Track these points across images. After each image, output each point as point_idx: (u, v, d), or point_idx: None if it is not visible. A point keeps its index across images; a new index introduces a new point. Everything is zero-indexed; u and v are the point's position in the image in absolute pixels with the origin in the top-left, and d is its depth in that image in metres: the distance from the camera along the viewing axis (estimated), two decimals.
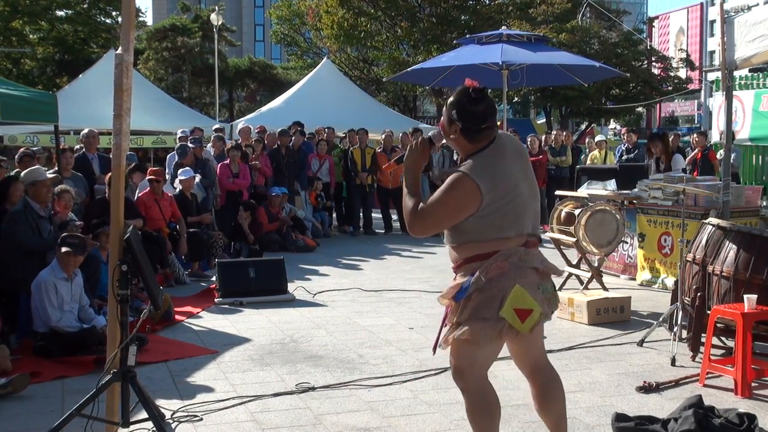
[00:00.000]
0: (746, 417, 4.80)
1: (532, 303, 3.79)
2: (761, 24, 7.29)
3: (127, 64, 4.37)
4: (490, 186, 3.72)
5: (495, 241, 3.79)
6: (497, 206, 3.75)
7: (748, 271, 6.00)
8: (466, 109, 3.82)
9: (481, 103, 3.83)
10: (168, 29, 48.95)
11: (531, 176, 3.98)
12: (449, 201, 3.78)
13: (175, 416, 5.22)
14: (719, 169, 10.63)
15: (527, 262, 3.82)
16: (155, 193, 10.67)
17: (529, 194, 3.90)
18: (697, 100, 59.52)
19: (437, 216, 3.83)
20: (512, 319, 3.74)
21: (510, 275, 3.76)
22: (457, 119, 3.82)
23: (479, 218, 3.76)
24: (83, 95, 20.84)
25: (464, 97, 3.84)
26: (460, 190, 3.74)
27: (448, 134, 3.93)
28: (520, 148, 4.03)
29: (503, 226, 3.79)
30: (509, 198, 3.78)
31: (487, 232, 3.79)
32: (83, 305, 7.00)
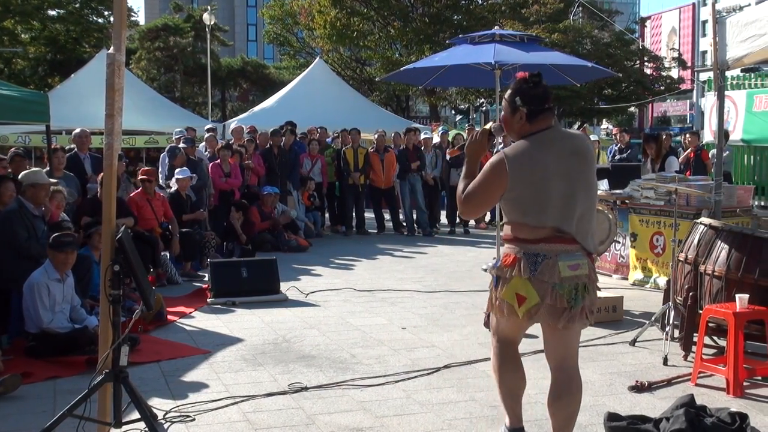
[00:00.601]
0: (738, 416, 4.81)
1: (530, 291, 4.08)
2: (753, 24, 7.31)
3: (118, 64, 4.36)
4: (518, 168, 4.05)
5: (519, 224, 4.13)
6: (520, 192, 4.07)
7: (739, 271, 6.02)
8: (529, 93, 4.19)
9: (540, 87, 4.23)
10: (160, 29, 48.89)
11: (578, 179, 4.13)
12: (485, 180, 4.15)
13: (167, 416, 5.20)
14: (712, 169, 10.66)
15: (540, 256, 4.07)
16: (147, 193, 10.65)
17: (563, 192, 4.08)
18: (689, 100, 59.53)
19: (476, 195, 4.19)
20: (511, 299, 4.14)
21: (517, 267, 4.10)
22: (521, 104, 4.18)
23: (506, 199, 4.13)
24: (75, 95, 20.80)
25: (524, 84, 4.24)
26: (493, 169, 4.11)
27: (512, 124, 4.24)
28: (577, 149, 4.20)
29: (525, 211, 4.10)
30: (535, 187, 4.05)
31: (512, 214, 4.17)
32: (75, 305, 6.98)
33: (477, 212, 4.43)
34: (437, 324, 7.91)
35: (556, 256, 4.06)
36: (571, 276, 4.06)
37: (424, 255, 12.87)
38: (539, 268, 4.06)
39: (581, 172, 4.15)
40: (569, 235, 4.08)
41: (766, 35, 7.18)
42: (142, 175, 10.91)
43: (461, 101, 43.64)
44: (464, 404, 5.48)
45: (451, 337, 7.33)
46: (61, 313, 6.80)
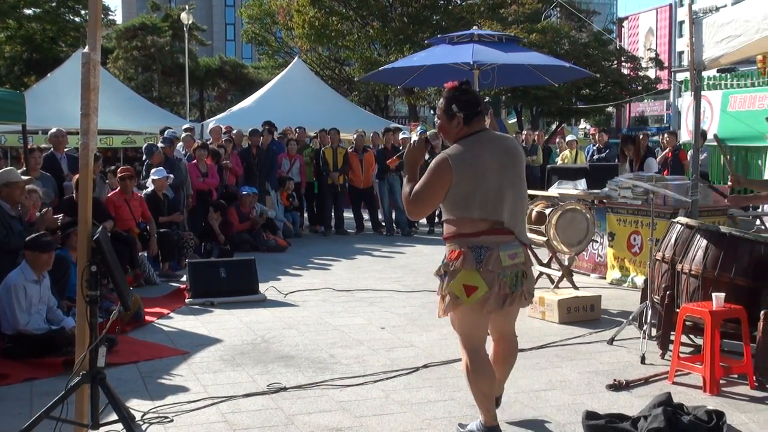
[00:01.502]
0: (715, 414, 4.85)
1: (478, 281, 4.39)
2: (729, 25, 7.37)
3: (94, 63, 4.34)
4: (461, 166, 4.37)
5: (460, 219, 4.44)
6: (463, 187, 4.38)
7: (716, 270, 6.06)
8: (462, 99, 4.52)
9: (470, 93, 4.58)
10: (138, 28, 48.64)
11: (513, 174, 4.55)
12: (430, 179, 4.44)
13: (145, 417, 5.17)
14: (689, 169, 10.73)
15: (483, 248, 4.40)
16: (125, 193, 10.59)
17: (502, 187, 4.45)
18: (666, 100, 60.10)
19: (423, 194, 4.47)
20: (460, 292, 4.42)
21: (463, 259, 4.40)
22: (458, 111, 4.50)
23: (451, 195, 4.41)
24: (51, 94, 20.65)
25: (456, 92, 4.56)
26: (438, 168, 4.40)
27: (449, 130, 4.56)
28: (508, 148, 4.62)
29: (467, 206, 4.41)
30: (477, 182, 4.39)
31: (456, 209, 4.45)
32: (51, 306, 6.93)
33: (425, 211, 4.69)
34: (416, 324, 7.92)
35: (497, 247, 4.41)
36: (512, 264, 4.44)
37: (402, 255, 12.88)
38: (484, 259, 4.39)
39: (514, 170, 4.56)
40: (506, 227, 4.46)
41: (742, 36, 7.24)
42: (120, 173, 10.86)
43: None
44: (443, 404, 5.49)
45: (430, 337, 7.33)
46: (38, 315, 6.75)
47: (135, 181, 11.17)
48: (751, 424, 5.06)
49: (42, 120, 18.75)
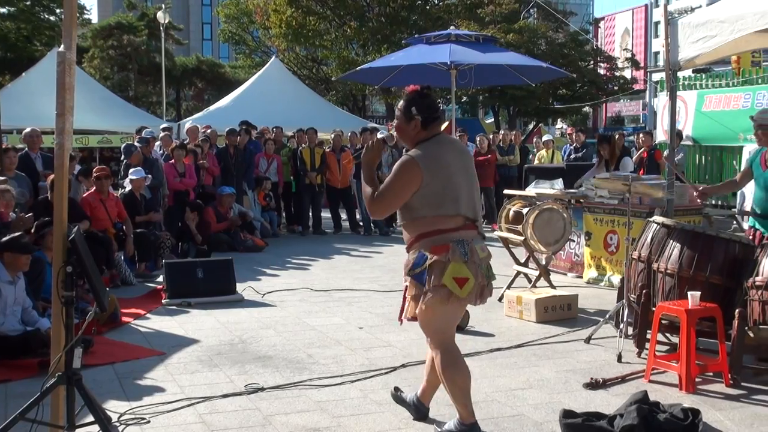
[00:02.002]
0: (690, 412, 4.89)
1: (468, 273, 4.51)
2: (704, 25, 7.44)
3: (69, 62, 4.30)
4: (429, 166, 4.52)
5: (436, 217, 4.54)
6: (435, 186, 4.52)
7: (691, 269, 6.12)
8: (422, 103, 4.67)
9: (430, 97, 4.74)
10: (113, 27, 48.33)
11: (471, 173, 4.79)
12: (397, 180, 4.56)
13: (122, 419, 5.15)
14: (665, 168, 10.80)
15: (465, 242, 4.55)
16: (101, 193, 10.52)
17: (466, 185, 4.67)
18: (642, 100, 60.37)
19: (389, 195, 4.60)
20: (452, 286, 4.48)
21: (451, 253, 4.49)
22: (416, 113, 4.64)
23: (421, 196, 4.52)
24: (26, 94, 20.48)
25: (417, 95, 4.71)
26: (404, 169, 4.54)
27: (407, 132, 4.71)
28: (463, 149, 4.92)
29: (441, 203, 4.55)
30: (445, 181, 4.55)
31: (428, 208, 4.55)
32: (26, 308, 6.86)
33: (388, 211, 4.75)
34: (394, 323, 7.89)
35: (472, 241, 4.60)
36: (484, 257, 4.65)
37: (380, 254, 12.89)
38: (469, 252, 4.53)
39: (471, 169, 4.80)
40: (474, 223, 4.67)
41: (717, 36, 7.31)
42: (96, 173, 10.79)
43: None
44: None
45: (408, 337, 7.34)
46: (13, 316, 6.69)
47: (111, 181, 11.09)
48: (726, 422, 5.10)
49: (17, 119, 18.56)
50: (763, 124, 6.66)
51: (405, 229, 4.71)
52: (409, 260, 4.63)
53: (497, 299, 8.88)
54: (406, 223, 4.67)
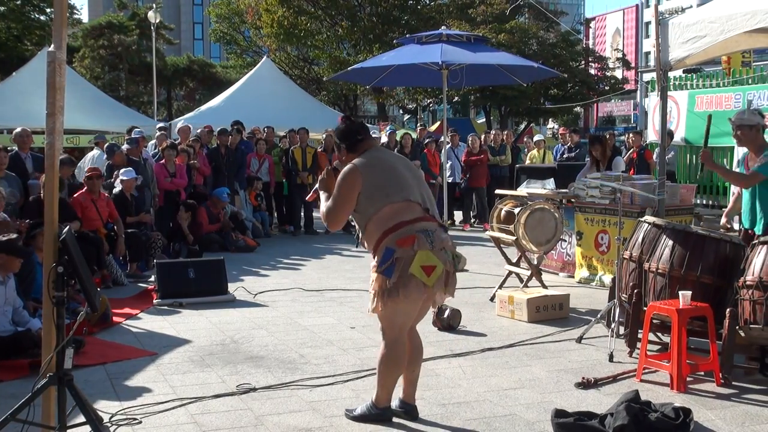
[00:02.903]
0: (681, 411, 4.90)
1: (435, 261, 4.72)
2: (694, 26, 7.46)
3: (59, 62, 4.29)
4: (367, 165, 4.88)
5: (386, 206, 4.78)
6: (378, 180, 4.84)
7: (682, 268, 6.13)
8: (342, 133, 5.12)
9: (347, 123, 5.20)
10: (104, 27, 48.22)
11: (418, 174, 5.15)
12: (340, 188, 4.89)
13: (113, 419, 5.14)
14: (656, 167, 10.82)
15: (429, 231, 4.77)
16: (92, 193, 10.49)
17: (414, 181, 4.98)
18: (633, 100, 60.55)
19: (337, 202, 4.91)
20: (420, 274, 4.69)
21: (417, 243, 4.70)
22: (340, 142, 5.10)
23: (367, 192, 4.81)
24: (17, 93, 20.40)
25: (338, 128, 5.21)
26: (344, 176, 4.89)
27: (341, 159, 5.11)
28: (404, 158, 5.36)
29: (389, 193, 4.81)
30: (386, 173, 4.88)
31: (377, 202, 4.81)
32: (17, 308, 6.84)
33: (341, 218, 4.99)
34: None
35: (435, 230, 4.82)
36: (448, 245, 4.86)
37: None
38: (433, 240, 4.75)
39: (416, 171, 5.17)
40: (431, 214, 4.91)
41: (707, 37, 7.33)
42: (88, 173, 10.75)
43: (409, 101, 43.78)
44: None
45: None
46: (3, 316, 6.66)
47: (102, 181, 11.06)
48: (717, 421, 5.12)
49: (7, 119, 18.51)
50: (741, 125, 6.68)
51: (366, 240, 4.94)
52: (377, 259, 4.82)
53: (489, 299, 8.90)
54: (366, 234, 4.92)
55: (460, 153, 16.93)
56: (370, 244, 4.91)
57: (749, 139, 6.68)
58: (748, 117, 6.71)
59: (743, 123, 6.67)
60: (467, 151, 16.57)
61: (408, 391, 5.21)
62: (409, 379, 5.18)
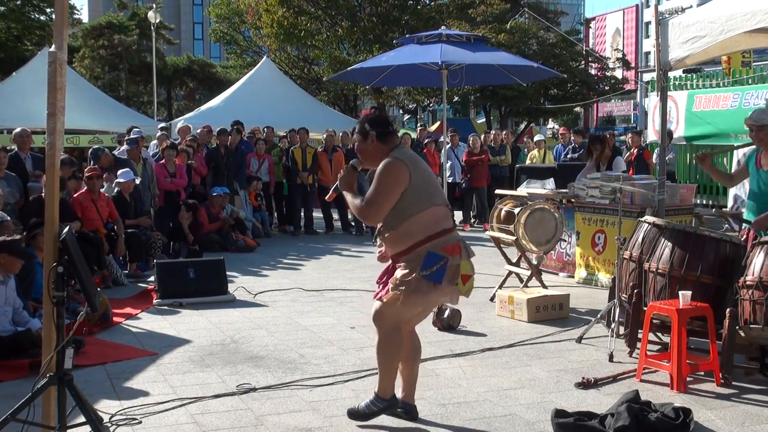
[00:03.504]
0: (682, 411, 4.90)
1: (470, 270, 4.88)
2: (694, 26, 7.45)
3: (60, 62, 4.29)
4: (411, 163, 4.81)
5: (430, 208, 4.77)
6: (422, 179, 4.80)
7: (682, 268, 6.13)
8: (375, 119, 5.01)
9: (382, 115, 5.14)
10: (104, 27, 48.23)
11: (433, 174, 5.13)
12: (386, 182, 4.76)
13: (113, 419, 5.14)
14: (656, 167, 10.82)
15: (463, 240, 4.92)
16: (92, 193, 10.49)
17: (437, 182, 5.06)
18: (633, 100, 60.59)
19: (380, 196, 4.77)
20: (459, 283, 4.78)
21: (462, 252, 4.82)
22: (370, 129, 4.93)
23: (412, 190, 4.74)
24: (17, 94, 20.39)
25: (368, 115, 5.11)
26: (391, 170, 4.77)
27: (366, 148, 4.98)
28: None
29: (432, 194, 4.83)
30: (427, 175, 4.89)
31: (421, 201, 4.76)
32: (17, 308, 6.84)
33: (381, 213, 4.83)
34: None
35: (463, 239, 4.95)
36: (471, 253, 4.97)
37: (372, 254, 12.81)
38: (468, 250, 4.89)
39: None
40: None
41: (707, 37, 7.33)
42: (88, 173, 10.75)
43: (409, 101, 43.77)
44: None
45: None
46: (3, 316, 6.67)
47: (102, 181, 11.06)
48: (717, 421, 5.12)
49: (7, 119, 18.50)
50: (764, 125, 6.63)
51: (396, 239, 4.83)
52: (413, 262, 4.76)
53: (489, 299, 8.90)
54: (397, 232, 4.80)
55: (460, 153, 16.95)
56: (403, 243, 4.83)
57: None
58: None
59: (765, 122, 6.61)
60: (468, 151, 16.58)
61: (408, 391, 5.20)
62: (409, 379, 5.18)
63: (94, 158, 12.24)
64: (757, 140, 6.69)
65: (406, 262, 4.83)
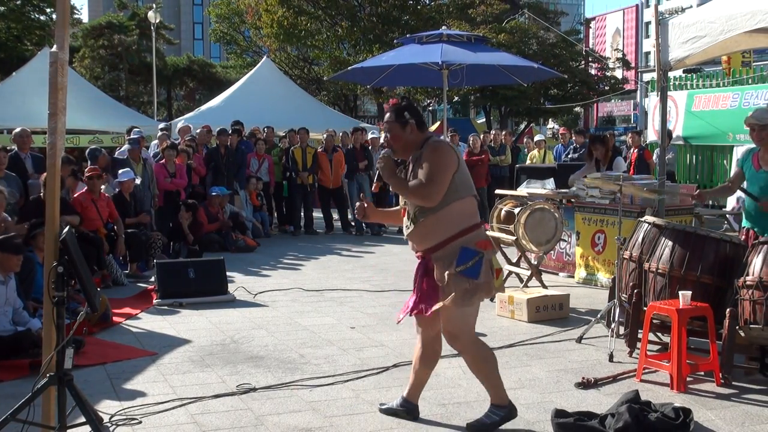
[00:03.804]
0: (682, 411, 4.90)
1: (498, 263, 4.88)
2: (694, 26, 7.46)
3: (62, 62, 4.30)
4: (456, 152, 4.84)
5: (470, 197, 4.80)
6: (462, 167, 4.80)
7: (682, 268, 6.13)
8: (413, 108, 4.95)
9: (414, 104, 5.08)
10: (104, 27, 48.19)
11: None
12: (440, 162, 4.70)
13: (113, 419, 5.14)
14: (656, 167, 10.83)
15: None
16: (92, 193, 10.49)
17: None
18: (633, 100, 60.56)
19: (439, 177, 4.67)
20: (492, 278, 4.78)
21: (493, 245, 4.87)
22: (410, 117, 4.84)
23: (459, 175, 4.73)
24: (17, 94, 20.39)
25: (402, 104, 4.98)
26: (443, 151, 4.76)
27: (404, 138, 4.86)
28: None
29: (470, 184, 4.85)
30: (463, 164, 4.83)
31: (464, 188, 4.77)
32: (17, 308, 6.84)
33: (440, 194, 4.67)
34: (386, 323, 7.92)
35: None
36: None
37: (372, 254, 12.88)
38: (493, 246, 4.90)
39: None
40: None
41: (707, 37, 7.33)
42: (88, 172, 10.76)
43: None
44: None
45: (399, 336, 7.34)
46: (3, 316, 6.67)
47: (103, 181, 11.06)
48: (717, 421, 5.12)
49: (7, 119, 18.48)
50: (762, 125, 6.60)
51: (426, 226, 4.74)
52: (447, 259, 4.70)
53: (489, 299, 8.89)
54: (432, 217, 4.70)
55: (460, 153, 16.92)
56: (435, 236, 4.74)
57: None
58: None
59: (764, 122, 6.59)
60: (468, 151, 16.58)
61: (414, 391, 5.20)
62: (419, 379, 5.19)
63: (92, 158, 12.24)
64: (758, 140, 6.67)
65: (438, 260, 4.75)
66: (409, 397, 5.21)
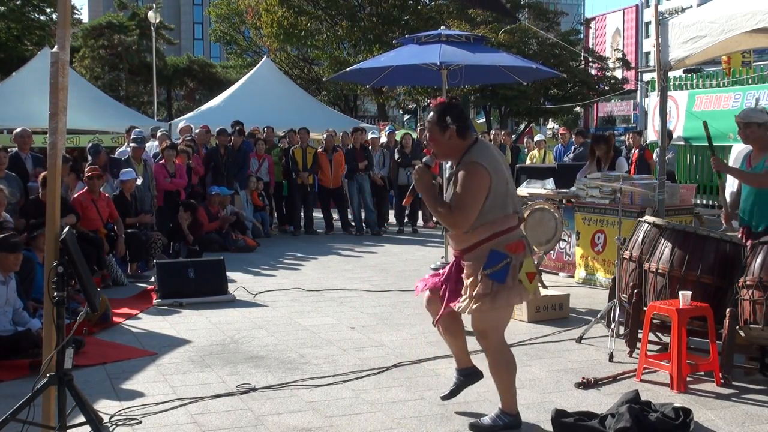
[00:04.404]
0: (682, 411, 4.90)
1: (534, 267, 4.82)
2: (694, 26, 7.45)
3: (62, 62, 4.30)
4: (493, 169, 4.64)
5: (503, 218, 4.68)
6: (500, 187, 4.67)
7: (682, 268, 6.13)
8: (458, 112, 4.78)
9: (460, 107, 4.87)
10: (104, 27, 48.24)
11: (509, 169, 4.94)
12: (471, 187, 4.62)
13: (113, 419, 5.14)
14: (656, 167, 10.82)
15: (525, 237, 4.89)
16: (92, 193, 10.49)
17: (513, 183, 4.90)
18: (633, 100, 60.56)
19: (470, 203, 4.61)
20: (525, 281, 4.70)
21: (527, 248, 4.80)
22: (451, 123, 4.70)
23: (491, 198, 4.64)
24: (17, 94, 20.41)
25: (448, 105, 4.82)
26: (477, 175, 4.61)
27: (442, 143, 4.77)
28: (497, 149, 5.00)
29: (506, 204, 4.71)
30: (504, 180, 4.72)
31: (496, 210, 4.67)
32: (17, 308, 6.84)
33: (470, 221, 4.65)
34: (386, 323, 7.92)
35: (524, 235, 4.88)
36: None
37: (372, 254, 12.88)
38: (530, 246, 4.94)
39: (507, 164, 4.94)
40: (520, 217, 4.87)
41: (707, 37, 7.33)
42: (88, 172, 10.76)
43: (409, 101, 43.77)
44: (413, 403, 5.50)
45: (399, 336, 7.34)
46: (4, 316, 6.67)
47: (103, 181, 11.06)
48: (717, 421, 5.12)
49: (7, 119, 18.48)
50: (749, 122, 6.65)
51: (465, 235, 4.72)
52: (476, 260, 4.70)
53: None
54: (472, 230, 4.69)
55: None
56: (469, 240, 4.73)
57: (757, 136, 6.65)
58: (758, 114, 6.69)
59: (752, 120, 6.63)
60: None
61: (460, 359, 5.30)
62: (458, 348, 5.26)
63: (93, 154, 12.24)
64: (744, 137, 6.75)
65: (470, 261, 4.76)
66: (462, 365, 5.30)
